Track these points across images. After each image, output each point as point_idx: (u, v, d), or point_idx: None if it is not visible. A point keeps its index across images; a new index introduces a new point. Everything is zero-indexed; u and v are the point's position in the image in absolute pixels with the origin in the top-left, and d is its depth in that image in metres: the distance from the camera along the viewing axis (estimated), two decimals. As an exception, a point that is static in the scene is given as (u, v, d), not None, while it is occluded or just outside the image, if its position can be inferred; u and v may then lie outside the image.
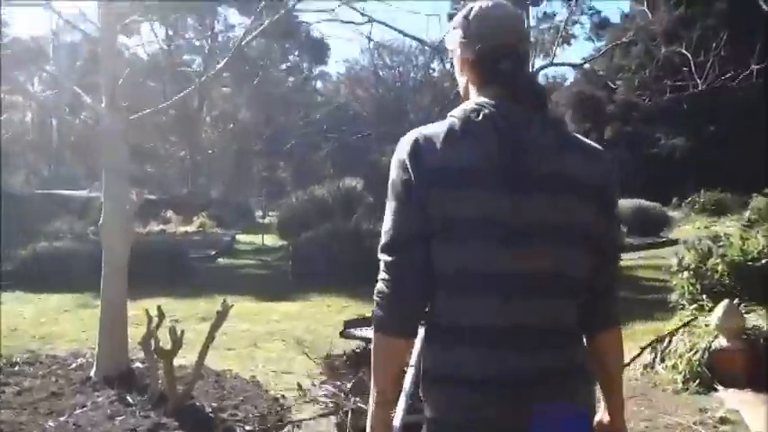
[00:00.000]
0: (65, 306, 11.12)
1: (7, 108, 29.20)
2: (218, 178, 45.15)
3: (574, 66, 25.26)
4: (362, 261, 9.57)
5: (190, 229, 26.02)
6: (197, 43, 41.21)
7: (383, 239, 1.88)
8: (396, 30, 17.03)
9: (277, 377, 6.77)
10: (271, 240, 23.58)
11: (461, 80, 2.03)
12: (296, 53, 45.78)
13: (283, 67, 45.56)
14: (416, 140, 1.85)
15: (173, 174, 43.50)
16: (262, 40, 39.30)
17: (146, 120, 40.12)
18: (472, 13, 1.95)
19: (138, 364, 6.30)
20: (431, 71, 34.40)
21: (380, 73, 36.01)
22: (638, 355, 6.82)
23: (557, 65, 21.85)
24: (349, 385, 4.05)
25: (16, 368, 6.59)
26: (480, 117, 1.81)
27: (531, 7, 21.24)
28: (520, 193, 1.76)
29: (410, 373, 2.43)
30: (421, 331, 1.92)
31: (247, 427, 4.99)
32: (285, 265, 16.27)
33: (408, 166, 1.82)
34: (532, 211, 1.77)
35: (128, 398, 5.40)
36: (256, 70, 35.96)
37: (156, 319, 5.27)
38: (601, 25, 45.19)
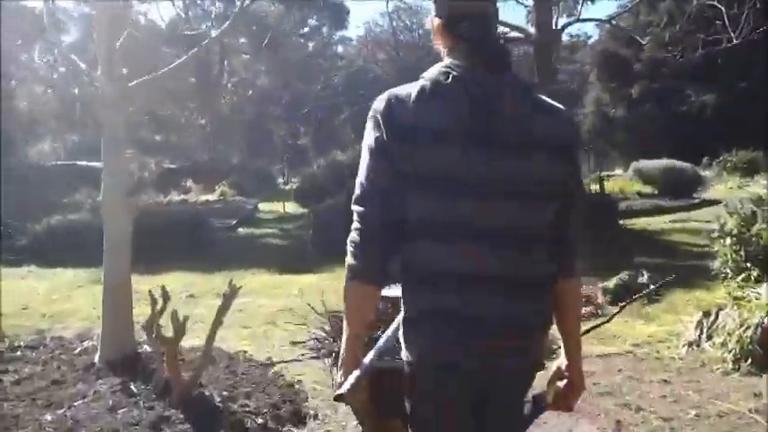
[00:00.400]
0: (78, 281, 10.80)
1: (30, 79, 28.94)
2: (239, 146, 44.86)
3: (600, 21, 24.43)
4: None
5: (211, 197, 25.72)
6: (214, 10, 40.57)
7: (356, 191, 2.07)
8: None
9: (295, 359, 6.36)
10: (292, 208, 23.22)
11: (437, 44, 2.15)
12: (315, 18, 45.08)
13: (303, 31, 44.96)
14: (389, 100, 2.01)
15: (193, 142, 43.24)
16: (281, 6, 38.78)
17: (159, 87, 39.84)
18: None
19: (147, 347, 5.89)
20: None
21: (400, 35, 35.36)
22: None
23: (583, 20, 21.01)
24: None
25: (18, 353, 6.23)
26: (450, 80, 1.97)
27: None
28: (493, 154, 1.94)
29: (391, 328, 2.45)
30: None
31: (259, 420, 4.57)
32: (306, 234, 15.89)
33: (381, 124, 2.00)
34: (504, 171, 1.95)
35: (131, 386, 5.00)
36: (275, 36, 35.35)
37: (160, 301, 4.83)
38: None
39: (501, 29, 24.29)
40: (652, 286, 7.68)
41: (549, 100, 2.09)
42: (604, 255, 11.27)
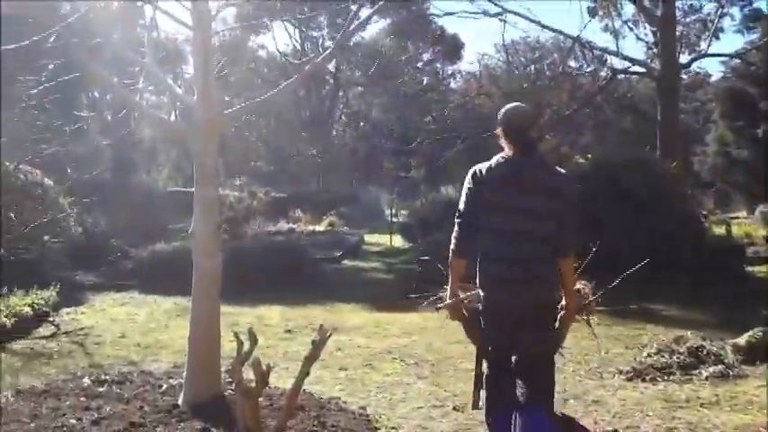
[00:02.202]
0: (177, 311, 10.67)
1: (153, 107, 29.76)
2: (349, 177, 44.99)
3: (728, 56, 23.43)
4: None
5: (318, 227, 25.65)
6: (329, 42, 40.97)
7: (457, 211, 4.33)
8: (533, 21, 15.89)
9: (390, 408, 5.90)
10: (399, 242, 22.88)
11: (499, 141, 4.34)
12: (429, 51, 44.95)
13: (417, 65, 44.89)
14: (475, 168, 4.30)
15: (303, 172, 43.58)
16: (395, 39, 38.82)
17: (276, 118, 40.26)
18: (503, 109, 4.36)
19: (232, 390, 5.55)
20: (567, 67, 33.00)
21: (514, 70, 34.85)
22: None
23: (710, 56, 20.18)
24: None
25: (104, 388, 5.99)
26: (502, 161, 4.22)
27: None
28: (520, 195, 4.15)
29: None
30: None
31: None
32: (411, 269, 15.47)
33: (470, 179, 4.28)
34: (526, 203, 4.14)
35: (212, 435, 4.66)
36: (389, 69, 35.34)
37: (247, 344, 4.46)
38: (753, 17, 42.14)
39: (624, 63, 23.61)
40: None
41: (552, 166, 4.34)
42: (733, 306, 10.44)
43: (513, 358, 4.19)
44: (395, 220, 26.61)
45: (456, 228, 4.28)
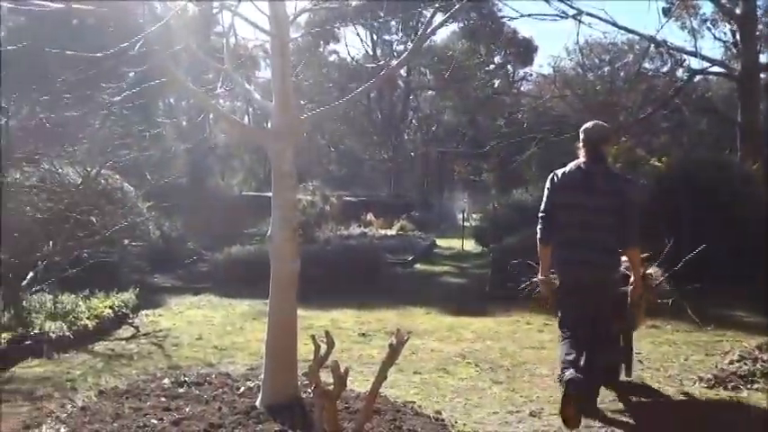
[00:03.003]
0: (252, 314, 10.81)
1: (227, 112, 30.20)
2: (421, 181, 44.95)
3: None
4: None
5: (389, 231, 25.68)
6: (400, 47, 41.05)
7: (540, 210, 5.87)
8: (608, 22, 15.60)
9: (466, 413, 5.87)
10: (471, 245, 22.77)
11: (578, 149, 5.82)
12: (501, 54, 44.61)
13: (489, 68, 44.63)
14: (554, 172, 5.83)
15: (375, 176, 43.74)
16: (467, 42, 38.68)
17: (348, 122, 40.49)
18: (584, 126, 5.78)
19: (309, 392, 5.58)
20: (641, 69, 32.37)
21: (588, 72, 34.36)
22: None
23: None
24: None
25: (183, 389, 6.09)
26: (576, 167, 5.73)
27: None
28: (589, 195, 5.62)
29: None
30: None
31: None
32: (483, 273, 15.38)
33: (550, 182, 5.81)
34: (593, 202, 5.61)
35: (290, 437, 4.69)
36: (461, 72, 35.20)
37: (324, 348, 4.47)
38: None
39: (702, 64, 23.05)
40: None
41: (616, 172, 6.26)
42: None
43: (585, 321, 5.69)
44: (466, 224, 26.46)
45: (540, 222, 5.85)
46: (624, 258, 5.95)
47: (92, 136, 10.21)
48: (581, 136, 5.71)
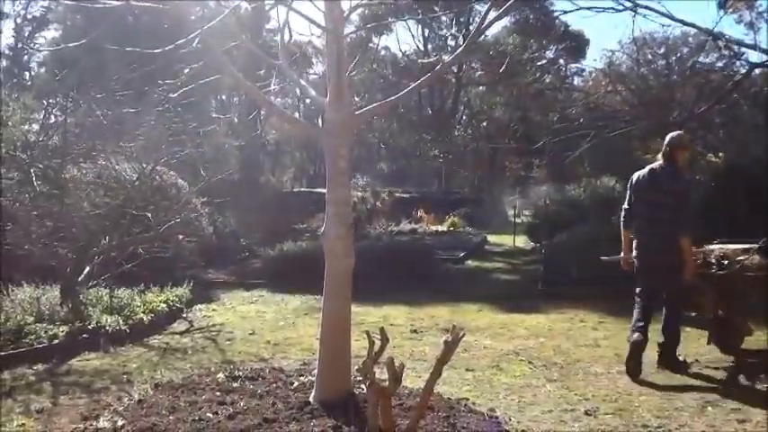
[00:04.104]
0: (304, 309, 10.88)
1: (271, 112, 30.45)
2: (471, 177, 44.78)
3: None
4: (622, 270, 8.26)
5: (440, 228, 25.61)
6: (452, 42, 40.87)
7: (624, 204, 7.67)
8: (664, 15, 15.29)
9: (520, 411, 5.81)
10: (522, 242, 22.61)
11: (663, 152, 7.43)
12: (552, 49, 44.18)
13: (540, 63, 44.23)
14: (633, 175, 7.55)
15: (426, 172, 43.65)
16: (519, 37, 38.37)
17: (399, 118, 40.45)
18: (668, 137, 7.44)
19: (363, 388, 5.57)
20: (696, 64, 31.74)
21: (641, 67, 33.81)
22: None
23: None
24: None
25: (237, 383, 6.14)
26: (648, 169, 7.40)
27: None
28: (655, 192, 7.24)
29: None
30: None
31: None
32: (535, 269, 15.27)
33: (630, 182, 7.61)
34: (658, 197, 7.20)
35: (344, 432, 4.69)
36: (512, 67, 34.92)
37: (378, 344, 4.46)
38: None
39: (761, 57, 22.53)
40: None
41: (677, 174, 7.22)
42: None
43: (651, 294, 7.36)
44: (517, 220, 26.28)
45: (623, 212, 7.64)
46: (714, 248, 7.65)
47: (147, 132, 10.33)
48: (671, 142, 7.31)
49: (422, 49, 43.10)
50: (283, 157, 54.26)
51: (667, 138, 7.34)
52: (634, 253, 7.46)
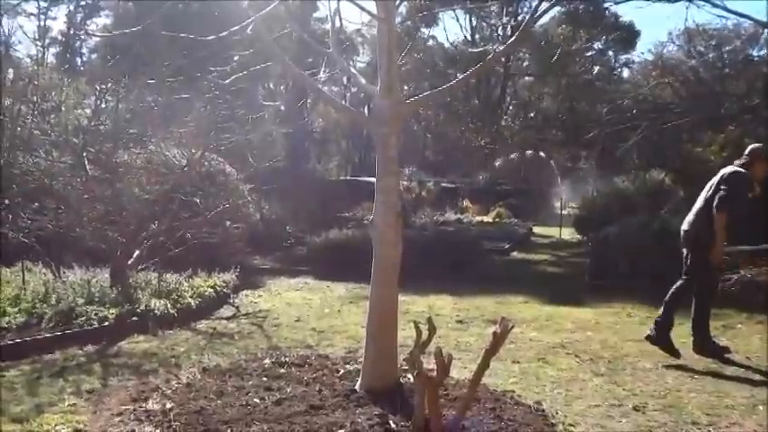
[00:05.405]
0: (349, 297, 10.91)
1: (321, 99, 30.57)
2: (517, 168, 44.47)
3: None
4: (670, 263, 8.16)
5: (486, 218, 25.52)
6: (500, 32, 40.54)
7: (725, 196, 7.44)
8: (719, 6, 14.99)
9: (566, 405, 5.75)
10: (568, 234, 22.42)
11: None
12: (602, 40, 43.63)
13: (589, 54, 43.71)
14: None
15: (472, 162, 43.45)
16: (568, 27, 37.96)
17: (445, 108, 40.37)
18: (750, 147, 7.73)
19: (410, 377, 5.56)
20: (749, 56, 31.09)
21: (692, 59, 33.22)
22: None
23: None
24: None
25: (284, 369, 6.17)
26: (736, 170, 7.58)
27: None
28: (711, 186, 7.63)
29: None
30: None
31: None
32: (582, 262, 15.12)
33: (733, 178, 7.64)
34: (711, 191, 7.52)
35: (390, 421, 4.69)
36: (560, 58, 34.59)
37: (426, 334, 4.45)
38: None
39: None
40: None
41: (732, 170, 7.45)
42: None
43: None
44: (564, 212, 26.09)
45: (725, 206, 7.40)
46: None
47: (197, 119, 10.42)
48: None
49: (469, 39, 42.87)
50: (329, 146, 54.42)
51: (749, 147, 7.61)
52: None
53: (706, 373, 6.84)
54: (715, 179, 7.52)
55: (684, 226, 7.64)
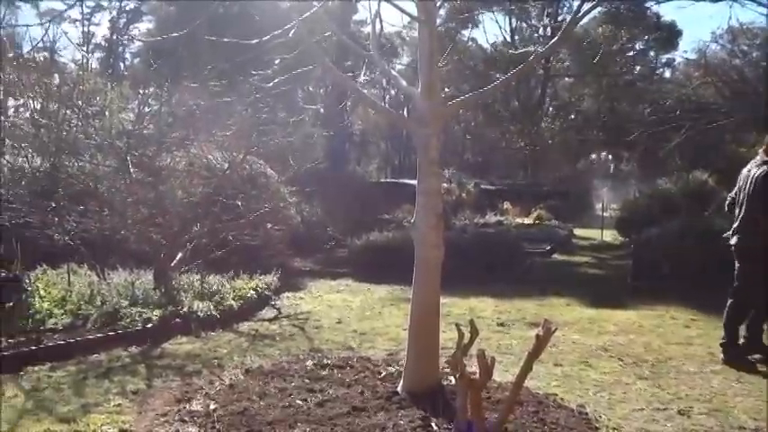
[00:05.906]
0: (390, 299, 10.92)
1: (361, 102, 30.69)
2: (558, 170, 44.18)
3: None
4: (715, 265, 8.10)
5: (526, 220, 25.40)
6: (540, 32, 40.33)
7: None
8: (763, 4, 14.74)
9: (610, 408, 5.69)
10: (610, 236, 22.21)
11: None
12: (643, 40, 43.17)
13: (630, 54, 43.28)
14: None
15: (512, 164, 43.29)
16: (608, 28, 37.62)
17: (485, 110, 40.18)
18: None
19: (452, 379, 5.54)
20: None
21: (735, 58, 32.70)
22: None
23: None
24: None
25: (326, 371, 6.20)
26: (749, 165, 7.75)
27: None
28: (747, 182, 7.50)
29: None
30: None
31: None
32: (624, 264, 14.97)
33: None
34: (750, 186, 7.41)
35: (432, 423, 4.69)
36: (601, 58, 34.28)
37: (467, 336, 4.44)
38: None
39: None
40: None
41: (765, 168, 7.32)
42: None
43: None
44: (605, 214, 25.86)
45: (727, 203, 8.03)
46: None
47: (238, 122, 10.50)
48: None
49: (509, 40, 42.66)
50: (369, 148, 54.57)
51: None
52: None
53: (753, 377, 6.73)
54: (747, 173, 7.56)
55: (733, 240, 7.55)
